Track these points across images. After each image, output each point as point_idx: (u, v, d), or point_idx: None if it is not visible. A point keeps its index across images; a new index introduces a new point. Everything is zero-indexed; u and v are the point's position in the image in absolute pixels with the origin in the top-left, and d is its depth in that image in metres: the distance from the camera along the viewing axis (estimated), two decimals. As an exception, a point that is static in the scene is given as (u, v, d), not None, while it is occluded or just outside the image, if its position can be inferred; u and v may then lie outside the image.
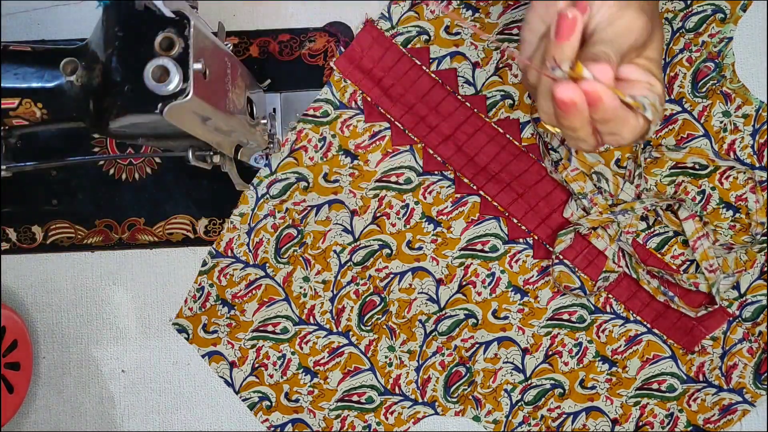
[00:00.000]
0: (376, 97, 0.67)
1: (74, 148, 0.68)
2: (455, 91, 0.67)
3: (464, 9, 0.67)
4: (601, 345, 0.67)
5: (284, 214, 0.67)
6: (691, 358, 0.67)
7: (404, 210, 0.67)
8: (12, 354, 0.65)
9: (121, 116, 0.46)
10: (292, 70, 0.68)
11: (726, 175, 0.67)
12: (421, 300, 0.67)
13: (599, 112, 0.42)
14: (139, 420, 0.68)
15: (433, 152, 0.67)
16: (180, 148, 0.56)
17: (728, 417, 0.67)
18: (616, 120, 0.42)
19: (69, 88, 0.49)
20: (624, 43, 0.43)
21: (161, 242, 0.68)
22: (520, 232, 0.67)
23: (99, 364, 0.68)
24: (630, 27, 0.43)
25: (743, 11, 0.66)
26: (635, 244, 0.67)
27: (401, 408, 0.67)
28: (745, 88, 0.66)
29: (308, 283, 0.67)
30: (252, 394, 0.67)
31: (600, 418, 0.67)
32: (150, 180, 0.68)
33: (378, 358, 0.67)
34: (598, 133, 0.44)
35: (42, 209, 0.68)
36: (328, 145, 0.67)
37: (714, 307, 0.65)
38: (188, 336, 0.68)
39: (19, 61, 0.49)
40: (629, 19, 0.43)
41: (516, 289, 0.67)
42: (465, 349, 0.67)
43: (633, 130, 0.44)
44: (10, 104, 0.49)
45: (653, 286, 0.66)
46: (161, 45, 0.45)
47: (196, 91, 0.45)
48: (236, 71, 0.54)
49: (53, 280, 0.69)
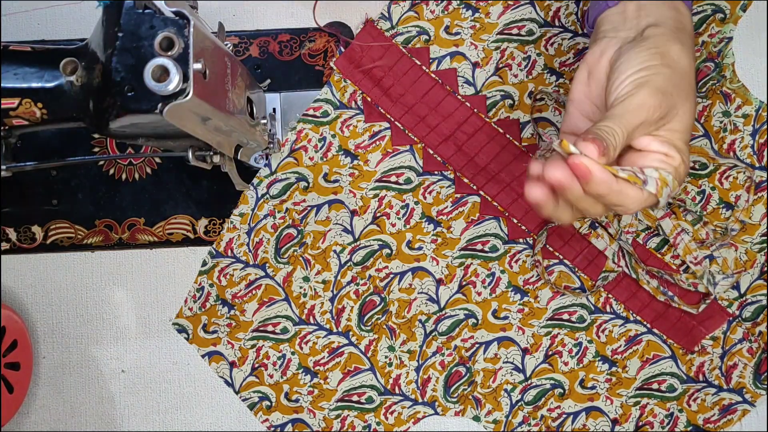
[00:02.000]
0: (376, 97, 0.67)
1: (74, 148, 0.68)
2: (455, 91, 0.67)
3: (464, 9, 0.67)
4: (601, 345, 0.67)
5: (284, 214, 0.67)
6: (691, 358, 0.67)
7: (404, 210, 0.67)
8: (12, 354, 0.65)
9: (121, 116, 0.46)
10: (292, 70, 0.68)
11: (726, 175, 0.67)
12: (421, 300, 0.67)
13: (592, 186, 0.43)
14: (139, 420, 0.68)
15: (433, 152, 0.67)
16: (180, 148, 0.56)
17: (728, 417, 0.67)
18: (612, 194, 0.44)
19: (69, 88, 0.49)
20: (634, 119, 0.44)
21: (161, 242, 0.68)
22: (520, 232, 0.67)
23: (99, 364, 0.68)
24: (642, 104, 0.44)
25: (743, 11, 0.66)
26: (635, 244, 0.67)
27: (401, 408, 0.67)
28: (745, 88, 0.66)
29: (308, 283, 0.67)
30: (252, 394, 0.67)
31: (600, 418, 0.67)
32: (150, 180, 0.68)
33: (378, 358, 0.67)
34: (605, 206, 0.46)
35: (42, 209, 0.68)
36: (328, 145, 0.67)
37: (711, 299, 0.65)
38: (188, 336, 0.68)
39: (19, 61, 0.49)
40: (642, 97, 0.44)
41: (516, 289, 0.67)
42: (465, 349, 0.67)
43: (637, 202, 0.45)
44: (10, 104, 0.49)
45: (653, 286, 0.66)
46: (161, 45, 0.45)
47: (196, 91, 0.45)
48: (236, 71, 0.54)
49: (53, 280, 0.69)
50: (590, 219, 0.66)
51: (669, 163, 0.45)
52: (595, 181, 0.43)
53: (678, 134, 0.46)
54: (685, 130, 0.46)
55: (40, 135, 0.67)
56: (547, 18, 0.67)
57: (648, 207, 0.46)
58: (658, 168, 0.45)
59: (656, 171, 0.45)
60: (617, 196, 0.44)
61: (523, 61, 0.67)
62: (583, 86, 0.50)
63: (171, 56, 0.45)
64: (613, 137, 0.44)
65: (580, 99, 0.50)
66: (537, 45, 0.67)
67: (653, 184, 0.45)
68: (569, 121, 0.51)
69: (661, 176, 0.45)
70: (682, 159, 0.46)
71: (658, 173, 0.45)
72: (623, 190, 0.44)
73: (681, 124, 0.46)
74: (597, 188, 0.43)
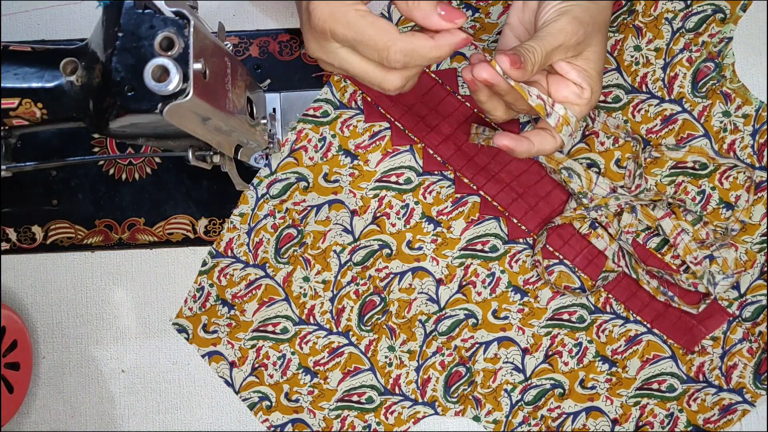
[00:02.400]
0: (376, 97, 0.67)
1: (74, 148, 0.68)
2: (455, 91, 0.67)
3: (464, 9, 0.67)
4: (601, 345, 0.67)
5: (284, 214, 0.67)
6: (691, 358, 0.67)
7: (404, 210, 0.67)
8: (12, 354, 0.65)
9: (121, 116, 0.46)
10: (292, 70, 0.68)
11: (726, 175, 0.67)
12: (421, 300, 0.67)
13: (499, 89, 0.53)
14: (139, 420, 0.68)
15: (433, 152, 0.67)
16: (180, 148, 0.56)
17: (728, 417, 0.67)
18: (511, 93, 0.53)
19: (69, 88, 0.49)
20: (554, 41, 0.52)
21: (161, 242, 0.68)
22: (520, 232, 0.67)
23: (99, 364, 0.68)
24: (561, 29, 0.52)
25: (743, 11, 0.66)
26: (635, 244, 0.67)
27: (401, 408, 0.67)
28: (745, 88, 0.66)
29: (308, 283, 0.67)
30: (252, 394, 0.67)
31: (600, 418, 0.67)
32: (150, 180, 0.68)
33: (378, 358, 0.67)
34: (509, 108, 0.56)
35: (42, 209, 0.68)
36: (328, 145, 0.67)
37: (711, 299, 0.65)
38: (188, 336, 0.68)
39: (19, 61, 0.49)
40: (563, 23, 0.52)
41: (516, 289, 0.67)
42: (465, 349, 0.67)
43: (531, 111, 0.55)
44: (10, 104, 0.49)
45: (653, 286, 0.66)
46: (161, 45, 0.45)
47: (196, 91, 0.45)
48: (236, 71, 0.54)
49: (53, 280, 0.69)
50: (571, 193, 0.66)
51: (581, 96, 0.53)
52: (500, 87, 0.52)
53: (592, 63, 0.54)
54: (598, 60, 0.54)
55: (40, 135, 0.67)
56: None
57: (554, 148, 0.54)
58: (569, 105, 0.53)
59: (564, 109, 0.53)
60: (513, 98, 0.53)
61: (523, 61, 0.67)
62: (518, 12, 0.57)
63: (171, 56, 0.45)
64: (533, 54, 0.51)
65: (515, 23, 0.58)
66: (537, 45, 0.67)
67: (555, 119, 0.53)
68: (504, 42, 0.58)
69: (565, 115, 0.53)
70: (592, 90, 0.54)
71: (564, 111, 0.53)
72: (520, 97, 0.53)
73: (595, 54, 0.54)
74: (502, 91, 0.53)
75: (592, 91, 0.54)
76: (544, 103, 0.53)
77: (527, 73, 0.51)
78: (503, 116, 0.56)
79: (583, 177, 0.65)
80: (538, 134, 0.54)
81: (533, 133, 0.55)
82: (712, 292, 0.65)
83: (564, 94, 0.54)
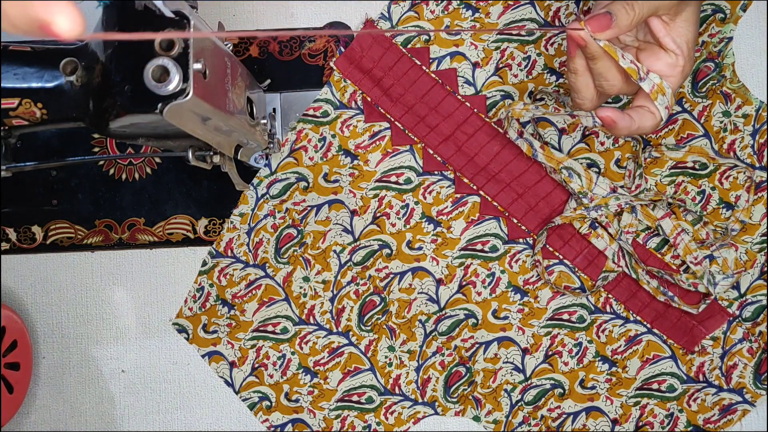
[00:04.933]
0: (376, 97, 0.67)
1: (74, 148, 0.68)
2: (455, 91, 0.67)
3: (464, 9, 0.67)
4: (601, 345, 0.67)
5: (284, 214, 0.67)
6: (691, 358, 0.67)
7: (404, 210, 0.67)
8: (12, 354, 0.65)
9: (121, 116, 0.46)
10: (292, 70, 0.68)
11: (726, 175, 0.67)
12: (421, 300, 0.67)
13: (589, 50, 0.52)
14: (139, 420, 0.68)
15: (433, 152, 0.67)
16: (180, 148, 0.56)
17: (728, 417, 0.67)
18: (603, 60, 0.52)
19: (69, 88, 0.49)
20: (651, 6, 0.51)
21: (161, 242, 0.68)
22: (520, 232, 0.67)
23: (99, 364, 0.68)
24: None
25: (743, 11, 0.66)
26: (635, 244, 0.67)
27: (401, 408, 0.67)
28: (745, 88, 0.66)
29: (308, 283, 0.67)
30: (252, 394, 0.67)
31: (600, 418, 0.67)
32: (150, 180, 0.68)
33: (378, 358, 0.67)
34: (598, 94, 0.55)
35: (42, 209, 0.68)
36: (328, 145, 0.67)
37: (711, 299, 0.65)
38: (188, 336, 0.68)
39: (19, 61, 0.49)
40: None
41: (516, 289, 0.67)
42: (465, 349, 0.67)
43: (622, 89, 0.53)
44: (10, 104, 0.49)
45: (653, 286, 0.66)
46: (161, 45, 0.45)
47: (196, 91, 0.45)
48: (236, 71, 0.54)
49: (53, 280, 0.69)
50: (593, 210, 0.66)
51: (675, 65, 0.52)
52: (592, 50, 0.51)
53: (684, 34, 0.53)
54: (691, 31, 0.53)
55: (40, 135, 0.67)
56: (547, 18, 0.67)
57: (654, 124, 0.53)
58: (664, 76, 0.52)
59: (659, 78, 0.52)
60: (605, 66, 0.52)
61: (523, 61, 0.67)
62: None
63: (171, 56, 0.45)
64: (628, 7, 0.50)
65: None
66: (537, 45, 0.67)
67: (649, 85, 0.52)
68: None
69: (660, 84, 0.52)
70: (686, 59, 0.53)
71: (660, 80, 0.52)
72: (612, 64, 0.52)
73: (688, 25, 0.53)
74: (591, 50, 0.52)
75: (686, 59, 0.52)
76: (638, 68, 0.51)
77: (619, 29, 0.50)
78: (592, 99, 0.55)
79: (583, 177, 0.65)
80: (637, 111, 0.53)
81: (633, 110, 0.53)
82: (712, 292, 0.65)
83: (657, 67, 0.53)
